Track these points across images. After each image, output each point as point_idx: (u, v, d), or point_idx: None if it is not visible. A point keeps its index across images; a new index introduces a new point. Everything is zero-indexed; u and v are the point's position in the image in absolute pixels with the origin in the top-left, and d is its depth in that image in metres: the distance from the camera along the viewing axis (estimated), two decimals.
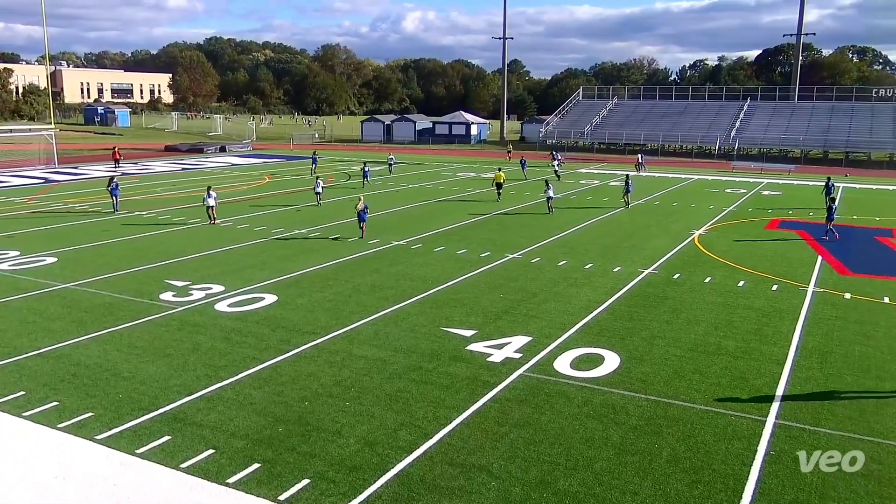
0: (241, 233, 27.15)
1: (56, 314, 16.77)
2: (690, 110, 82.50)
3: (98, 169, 50.85)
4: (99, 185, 41.08)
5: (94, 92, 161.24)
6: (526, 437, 11.00)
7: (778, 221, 31.59)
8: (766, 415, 11.83)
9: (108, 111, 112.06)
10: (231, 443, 10.67)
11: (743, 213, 34.05)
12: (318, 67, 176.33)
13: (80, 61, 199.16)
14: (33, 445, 10.54)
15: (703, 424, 11.48)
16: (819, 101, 79.35)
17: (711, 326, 16.45)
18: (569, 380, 13.19)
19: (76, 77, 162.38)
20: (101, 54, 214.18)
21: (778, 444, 10.84)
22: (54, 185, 42.23)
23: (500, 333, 15.75)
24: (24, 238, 25.76)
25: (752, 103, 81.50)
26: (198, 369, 13.48)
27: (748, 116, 78.15)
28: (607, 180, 48.10)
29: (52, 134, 53.68)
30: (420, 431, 11.09)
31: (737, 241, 26.86)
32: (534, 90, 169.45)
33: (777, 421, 11.62)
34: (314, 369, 13.56)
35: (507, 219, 31.37)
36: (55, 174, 47.50)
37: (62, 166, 51.51)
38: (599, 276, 20.97)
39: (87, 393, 12.34)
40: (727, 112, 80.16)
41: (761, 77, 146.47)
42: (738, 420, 11.64)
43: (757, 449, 10.68)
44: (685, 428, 11.36)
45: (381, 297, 18.55)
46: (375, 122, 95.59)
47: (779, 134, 72.68)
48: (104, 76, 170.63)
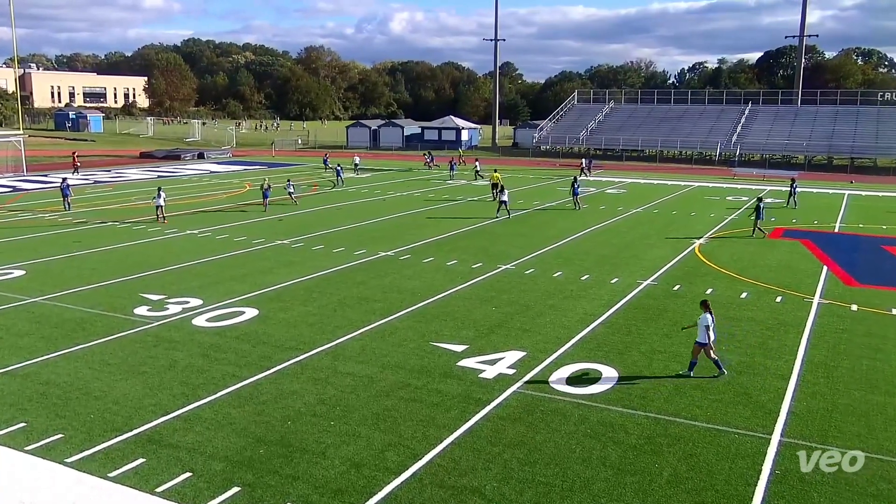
0: (220, 243, 27.08)
1: (24, 330, 16.64)
2: (690, 115, 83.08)
3: (68, 177, 50.55)
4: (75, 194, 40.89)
5: (66, 96, 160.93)
6: (520, 457, 10.98)
7: (781, 230, 31.78)
8: (771, 432, 11.86)
9: (80, 116, 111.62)
10: (209, 465, 10.60)
11: (745, 221, 34.24)
12: (301, 70, 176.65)
13: (50, 64, 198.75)
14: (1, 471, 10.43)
15: (706, 443, 11.50)
16: (823, 106, 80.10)
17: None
18: (565, 396, 13.18)
19: (46, 80, 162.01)
20: (73, 56, 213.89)
21: (783, 463, 10.86)
22: (23, 193, 42.00)
23: (492, 348, 15.74)
24: None
25: (753, 107, 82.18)
26: (174, 388, 13.40)
27: (750, 121, 78.76)
28: (604, 188, 48.32)
29: (20, 140, 53.42)
30: (409, 452, 11.05)
31: (738, 250, 26.99)
32: (527, 94, 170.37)
33: (782, 438, 11.65)
34: (297, 387, 13.50)
35: (500, 228, 31.44)
36: (24, 182, 47.27)
37: (31, 174, 51.28)
38: (596, 288, 21.01)
39: (56, 413, 12.23)
40: (728, 116, 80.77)
41: (763, 80, 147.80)
42: (742, 438, 11.66)
43: (762, 468, 10.70)
44: (686, 446, 11.37)
45: (368, 310, 18.51)
46: (361, 127, 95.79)
47: (782, 139, 73.27)
48: (76, 79, 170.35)
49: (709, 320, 13.84)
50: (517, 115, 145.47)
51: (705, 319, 13.86)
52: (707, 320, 13.84)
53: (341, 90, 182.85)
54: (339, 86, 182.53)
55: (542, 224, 32.67)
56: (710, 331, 13.86)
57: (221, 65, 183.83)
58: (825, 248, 27.63)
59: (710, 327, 13.83)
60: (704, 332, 13.85)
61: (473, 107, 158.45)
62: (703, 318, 13.89)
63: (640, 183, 52.19)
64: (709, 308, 14.02)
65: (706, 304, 14.14)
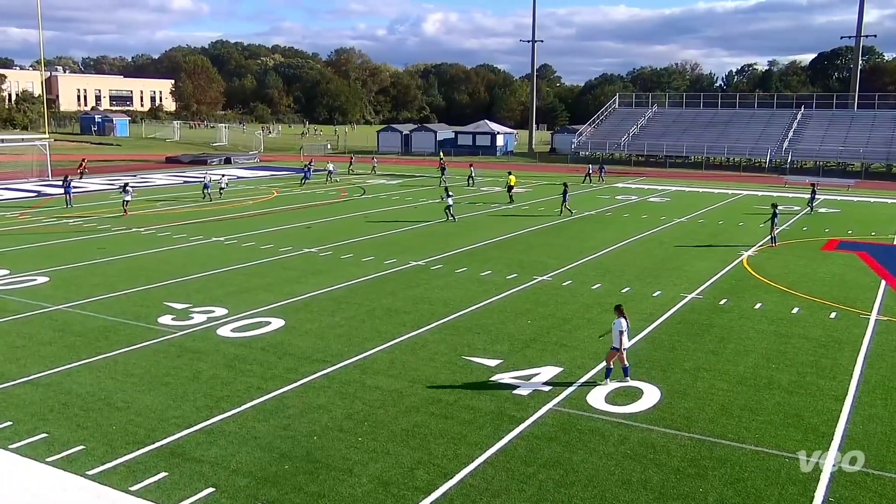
0: (247, 251, 27.38)
1: (47, 338, 16.97)
2: (738, 119, 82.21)
3: (94, 182, 51.61)
4: (95, 200, 41.76)
5: (92, 99, 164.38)
6: (556, 478, 10.90)
7: (836, 242, 31.25)
8: (825, 457, 11.63)
9: (105, 120, 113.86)
10: (233, 480, 10.68)
11: (797, 232, 33.71)
12: (331, 73, 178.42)
13: (77, 66, 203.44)
14: (19, 480, 10.62)
15: (754, 467, 11.31)
16: (881, 110, 78.74)
17: (762, 358, 16.25)
18: (604, 415, 13.07)
19: (72, 83, 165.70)
20: (100, 59, 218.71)
21: (837, 491, 10.64)
22: (48, 198, 42.92)
23: (527, 363, 15.67)
24: (14, 256, 26.17)
25: (806, 111, 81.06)
26: (198, 400, 13.55)
27: (802, 126, 77.68)
28: (646, 196, 47.97)
29: (46, 144, 54.54)
30: (439, 471, 11.04)
31: (790, 263, 26.59)
32: (565, 97, 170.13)
33: (836, 463, 11.42)
34: (324, 401, 13.57)
35: (536, 238, 31.36)
36: (49, 187, 48.24)
37: (56, 179, 52.25)
38: (637, 301, 20.84)
39: (78, 424, 12.44)
40: (779, 121, 79.77)
41: (816, 83, 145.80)
42: (793, 462, 11.45)
43: (814, 496, 10.49)
44: (733, 470, 11.19)
45: (398, 322, 18.56)
46: (393, 131, 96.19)
47: (836, 145, 72.12)
48: (102, 82, 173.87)
49: (623, 325, 14.15)
50: (555, 120, 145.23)
51: (619, 324, 14.16)
52: (621, 325, 14.15)
53: (372, 93, 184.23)
54: (369, 89, 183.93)
55: (580, 234, 32.52)
56: (625, 336, 14.16)
57: (249, 67, 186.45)
58: (884, 260, 27.08)
59: (624, 332, 14.12)
60: (619, 338, 14.13)
61: (509, 111, 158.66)
62: (618, 322, 14.20)
63: (685, 191, 51.70)
64: (623, 313, 14.33)
65: (620, 308, 14.51)
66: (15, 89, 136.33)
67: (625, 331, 14.14)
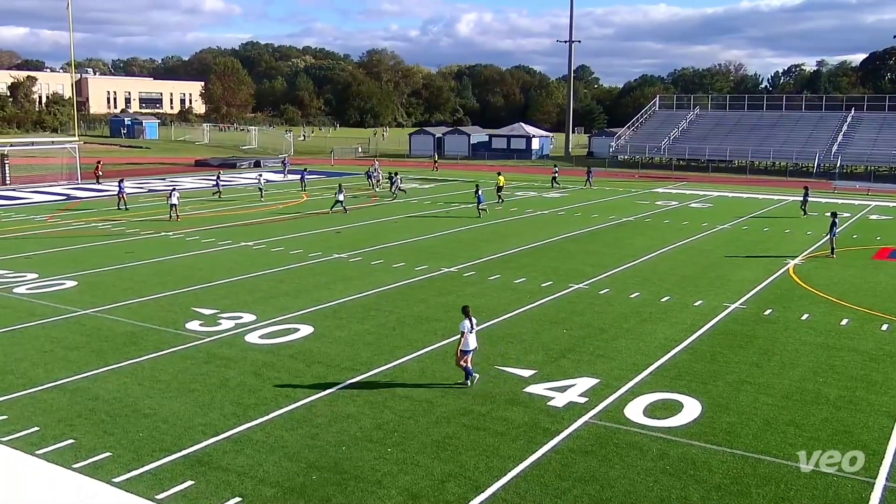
0: (275, 256, 27.64)
1: (74, 343, 17.29)
2: (784, 122, 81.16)
3: (129, 185, 52.37)
4: (136, 203, 42.40)
5: (122, 101, 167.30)
6: (592, 493, 10.83)
7: (888, 251, 30.69)
8: (875, 476, 11.41)
9: (135, 122, 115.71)
10: (259, 490, 10.77)
11: (847, 240, 33.15)
12: (362, 75, 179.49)
13: (106, 68, 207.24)
14: (47, 487, 10.82)
15: (799, 485, 11.13)
16: None
17: (809, 371, 16.01)
18: (642, 429, 12.97)
19: (102, 85, 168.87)
20: (130, 61, 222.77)
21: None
22: (77, 202, 43.73)
23: (562, 374, 15.61)
24: (43, 260, 26.70)
25: (857, 114, 79.77)
26: (225, 407, 13.70)
27: (852, 129, 76.44)
28: (687, 201, 47.54)
29: (75, 147, 55.54)
30: (470, 484, 11.02)
31: (839, 272, 26.16)
32: (603, 99, 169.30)
33: (888, 484, 11.20)
34: (353, 410, 13.64)
35: (571, 245, 31.23)
36: (78, 190, 49.15)
37: (85, 182, 53.23)
38: (678, 311, 20.65)
39: (104, 430, 12.64)
40: (828, 124, 78.58)
41: (867, 84, 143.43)
42: (842, 481, 11.26)
43: None
44: (777, 489, 11.03)
45: (429, 330, 18.60)
46: (425, 134, 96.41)
47: (889, 149, 70.83)
48: (132, 84, 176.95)
49: (466, 326, 14.44)
50: (592, 123, 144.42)
51: (463, 325, 14.47)
52: (465, 326, 14.49)
53: (404, 95, 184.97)
54: (402, 91, 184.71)
55: (618, 240, 32.32)
56: (470, 336, 14.45)
57: (280, 69, 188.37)
58: None
59: (465, 332, 14.42)
60: (465, 339, 14.44)
61: (545, 113, 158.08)
62: (462, 324, 14.53)
63: (728, 196, 51.14)
64: (468, 314, 14.63)
65: (466, 309, 14.80)
66: (45, 91, 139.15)
67: (466, 331, 14.45)
